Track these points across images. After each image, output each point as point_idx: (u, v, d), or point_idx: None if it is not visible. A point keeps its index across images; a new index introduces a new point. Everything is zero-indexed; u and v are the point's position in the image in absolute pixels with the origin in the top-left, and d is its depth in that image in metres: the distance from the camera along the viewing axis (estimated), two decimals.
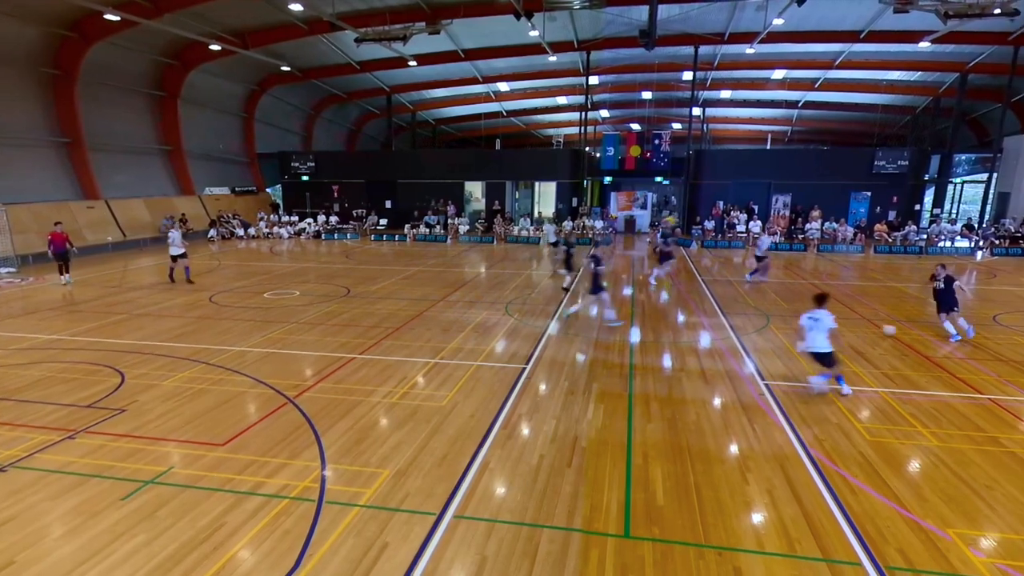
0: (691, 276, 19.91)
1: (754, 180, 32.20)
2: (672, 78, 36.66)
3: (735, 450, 7.23)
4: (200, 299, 15.75)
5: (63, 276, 17.75)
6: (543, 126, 53.82)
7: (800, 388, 9.30)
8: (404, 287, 17.52)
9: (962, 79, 32.34)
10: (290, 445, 7.29)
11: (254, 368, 10.16)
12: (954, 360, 10.76)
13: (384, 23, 24.98)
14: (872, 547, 5.33)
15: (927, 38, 24.33)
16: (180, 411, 8.31)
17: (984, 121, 38.40)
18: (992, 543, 5.44)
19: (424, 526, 5.65)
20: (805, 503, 6.05)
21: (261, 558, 5.19)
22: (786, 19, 23.89)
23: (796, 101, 42.15)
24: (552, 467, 6.79)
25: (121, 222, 26.98)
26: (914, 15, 21.42)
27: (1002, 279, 19.54)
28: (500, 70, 36.24)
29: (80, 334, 12.30)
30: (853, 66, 32.95)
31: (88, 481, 6.41)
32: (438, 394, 9.03)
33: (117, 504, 6.00)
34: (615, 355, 11.08)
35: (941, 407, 8.57)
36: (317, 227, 32.55)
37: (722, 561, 5.17)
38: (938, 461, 6.96)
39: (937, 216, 32.07)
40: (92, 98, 26.10)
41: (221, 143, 35.01)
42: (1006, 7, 19.35)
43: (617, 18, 26.50)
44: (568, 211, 33.98)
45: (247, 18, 26.00)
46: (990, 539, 5.50)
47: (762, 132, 51.64)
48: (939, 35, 23.54)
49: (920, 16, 21.53)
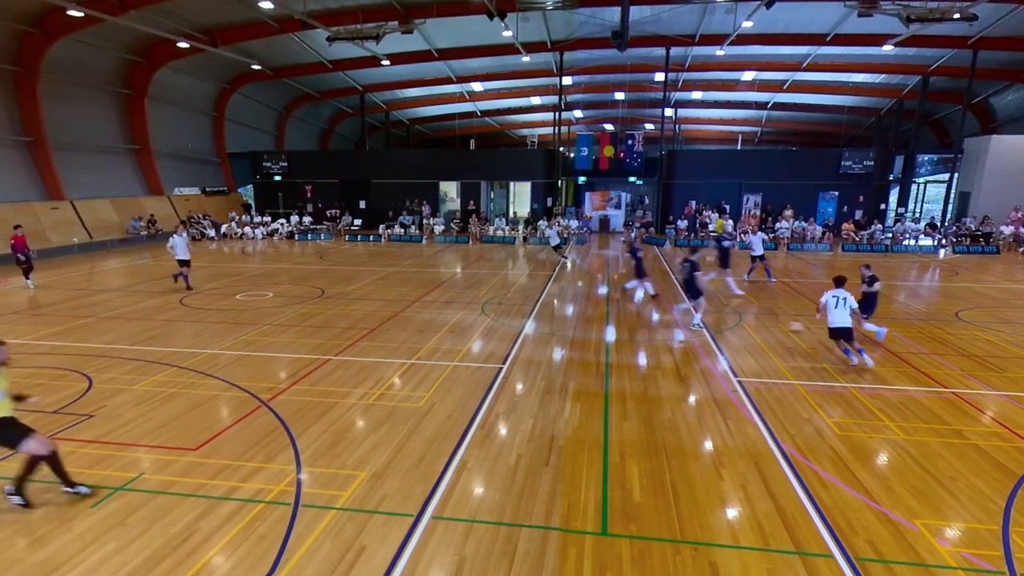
0: (665, 275, 20.13)
1: (726, 180, 32.68)
2: (644, 79, 37.03)
3: (710, 447, 7.34)
4: (170, 301, 15.46)
5: (27, 280, 17.25)
6: (517, 126, 53.89)
7: (772, 385, 9.47)
8: (379, 288, 17.41)
9: (924, 82, 33.27)
10: (265, 449, 7.20)
11: (227, 371, 10.00)
12: (920, 356, 11.05)
13: (357, 22, 24.79)
14: (843, 539, 5.46)
15: (890, 41, 24.97)
16: (151, 416, 8.15)
17: (945, 123, 39.59)
18: (957, 533, 5.61)
19: (402, 528, 5.63)
20: (778, 498, 6.17)
21: (236, 564, 5.12)
22: (755, 21, 24.29)
23: (765, 102, 42.88)
24: (530, 466, 6.81)
25: (87, 223, 26.32)
26: (878, 19, 21.99)
27: (964, 276, 20.12)
28: (474, 70, 36.20)
29: (45, 338, 11.99)
30: (820, 68, 33.67)
31: (56, 489, 6.25)
32: (415, 395, 9.00)
33: (86, 512, 5.87)
34: (591, 354, 11.16)
35: (907, 401, 8.81)
36: (290, 228, 32.15)
37: (698, 556, 5.25)
38: (905, 454, 7.16)
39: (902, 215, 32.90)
40: (56, 96, 25.42)
41: (191, 142, 34.36)
42: (965, 12, 19.96)
43: (590, 19, 26.68)
44: (543, 211, 34.08)
45: (216, 16, 25.56)
46: (955, 529, 5.67)
47: (733, 133, 52.44)
48: (902, 39, 24.19)
49: (883, 20, 22.10)
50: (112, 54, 27.07)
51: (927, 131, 40.07)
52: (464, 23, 26.87)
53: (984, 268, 21.97)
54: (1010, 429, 7.85)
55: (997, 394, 9.13)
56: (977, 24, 22.86)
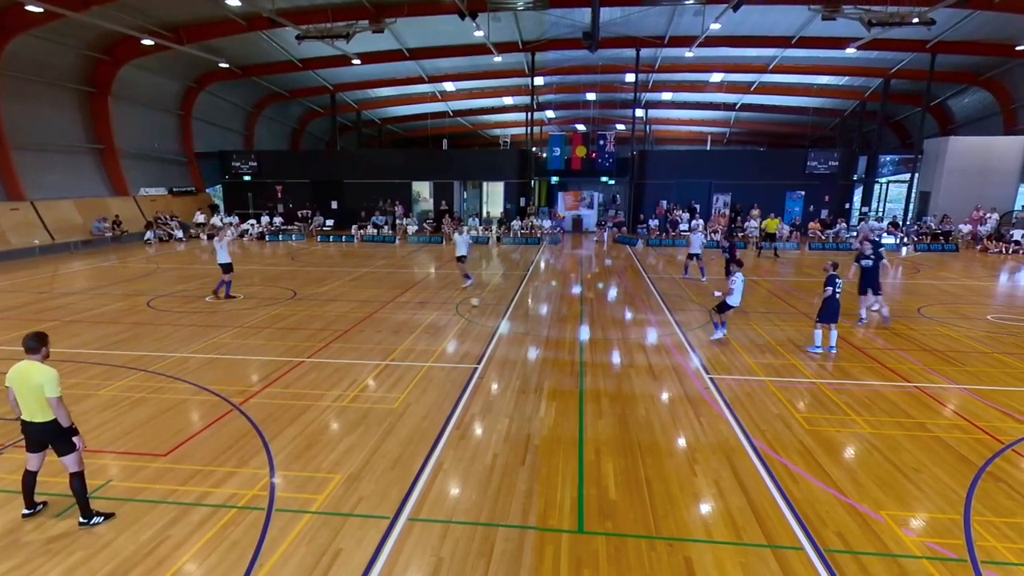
0: (637, 274, 20.32)
1: (696, 180, 33.14)
2: (615, 80, 37.35)
3: (683, 443, 7.44)
4: (137, 304, 15.12)
5: None
6: (490, 126, 53.87)
7: (743, 381, 9.63)
8: (353, 289, 17.25)
9: (885, 84, 34.17)
10: (237, 453, 7.09)
11: (197, 375, 9.82)
12: (884, 351, 11.34)
13: (327, 20, 24.51)
14: (812, 532, 5.59)
15: (853, 44, 25.57)
16: (118, 421, 7.96)
17: (906, 124, 40.72)
18: (922, 523, 5.78)
19: (378, 530, 5.60)
20: (750, 492, 6.28)
21: (209, 570, 5.04)
22: (723, 24, 24.67)
23: (734, 104, 43.60)
24: (506, 466, 6.83)
25: (49, 224, 25.57)
26: (841, 23, 22.53)
27: (925, 274, 20.71)
28: (446, 70, 36.09)
29: (6, 343, 11.62)
30: (786, 70, 34.38)
31: (18, 498, 6.06)
32: (390, 396, 8.95)
33: (51, 521, 5.72)
34: (565, 353, 11.22)
35: (873, 396, 9.04)
36: (260, 228, 31.67)
37: (673, 552, 5.32)
38: (871, 447, 7.34)
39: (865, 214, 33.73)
40: (15, 94, 24.62)
41: (157, 142, 33.58)
42: (923, 17, 20.55)
43: (561, 20, 26.80)
44: (516, 211, 34.14)
45: (183, 13, 25.03)
46: (920, 519, 5.84)
47: (702, 134, 53.16)
48: (863, 42, 24.79)
49: (846, 24, 22.64)
50: (74, 51, 26.33)
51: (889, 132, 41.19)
52: (435, 23, 26.78)
53: (944, 265, 22.63)
54: (970, 421, 8.10)
55: (958, 387, 9.42)
56: (935, 28, 23.60)
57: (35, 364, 5.46)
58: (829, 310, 11.01)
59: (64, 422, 5.51)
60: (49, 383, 5.38)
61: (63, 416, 5.49)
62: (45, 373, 5.40)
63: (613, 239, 31.29)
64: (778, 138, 52.03)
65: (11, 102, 24.42)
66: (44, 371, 5.41)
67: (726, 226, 31.78)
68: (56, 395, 5.39)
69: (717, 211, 32.93)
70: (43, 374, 5.39)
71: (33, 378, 5.38)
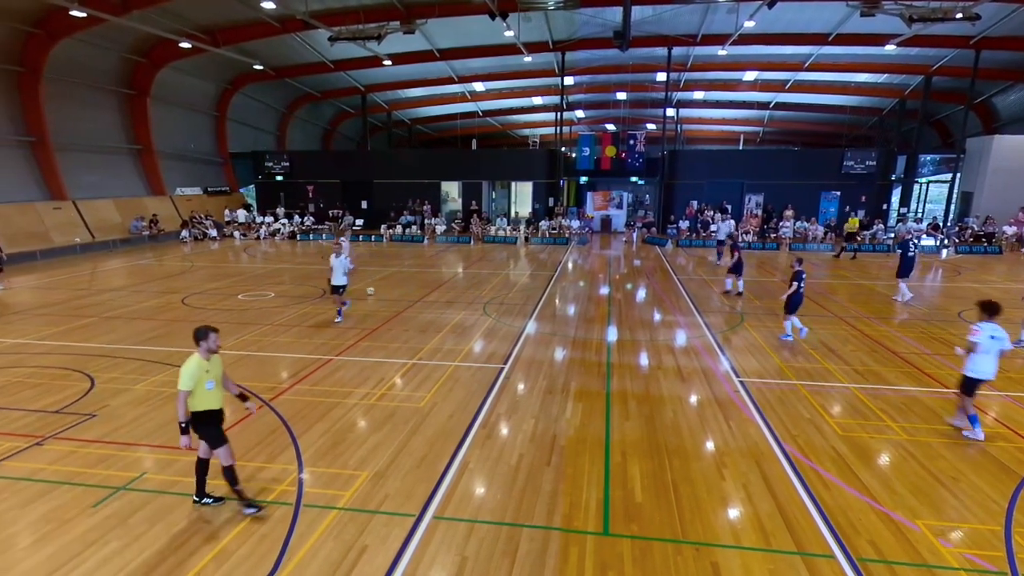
0: (667, 275, 20.11)
1: (727, 180, 32.65)
2: (646, 79, 36.99)
3: (711, 447, 7.33)
4: (172, 301, 15.48)
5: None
6: (519, 126, 53.87)
7: (774, 385, 9.46)
8: (381, 288, 17.41)
9: (926, 81, 33.20)
10: (266, 448, 7.21)
11: (229, 371, 9.91)
12: (921, 356, 11.03)
13: (358, 22, 24.78)
14: (844, 539, 5.46)
15: (893, 41, 24.91)
16: (152, 416, 8.16)
17: (948, 122, 39.49)
18: (959, 533, 5.60)
19: (404, 528, 5.64)
20: (780, 498, 6.16)
21: (238, 563, 5.13)
22: (757, 21, 24.26)
23: (767, 102, 42.82)
24: (531, 466, 6.81)
25: (90, 223, 26.35)
26: (880, 19, 21.94)
27: (966, 276, 20.08)
28: (475, 70, 36.19)
29: (48, 338, 12.01)
30: (822, 68, 33.62)
31: (58, 488, 6.27)
32: (416, 395, 9.00)
33: (88, 511, 5.88)
34: (592, 354, 11.15)
35: (909, 402, 8.79)
36: (292, 227, 32.16)
37: (699, 557, 5.25)
38: (907, 454, 7.14)
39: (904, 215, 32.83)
40: (59, 96, 25.44)
41: (193, 142, 34.37)
42: (967, 12, 19.92)
43: (592, 19, 26.65)
44: (544, 211, 34.08)
45: (218, 16, 25.57)
46: (957, 529, 5.66)
47: (735, 133, 52.38)
48: (904, 38, 24.14)
49: (886, 20, 22.05)
50: (114, 54, 27.10)
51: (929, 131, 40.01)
52: (466, 23, 26.86)
53: (987, 268, 21.91)
54: (1013, 430, 7.84)
55: (1000, 395, 9.12)
56: (980, 24, 22.81)
57: (192, 356, 5.79)
58: (795, 302, 11.93)
59: (180, 417, 5.68)
60: (180, 376, 5.64)
61: (179, 411, 5.67)
62: (186, 365, 5.68)
63: (642, 240, 31.02)
64: (813, 137, 50.97)
65: (55, 104, 25.21)
66: (184, 365, 5.69)
67: (758, 227, 31.28)
68: (180, 388, 5.61)
69: (749, 211, 32.40)
70: (185, 365, 5.68)
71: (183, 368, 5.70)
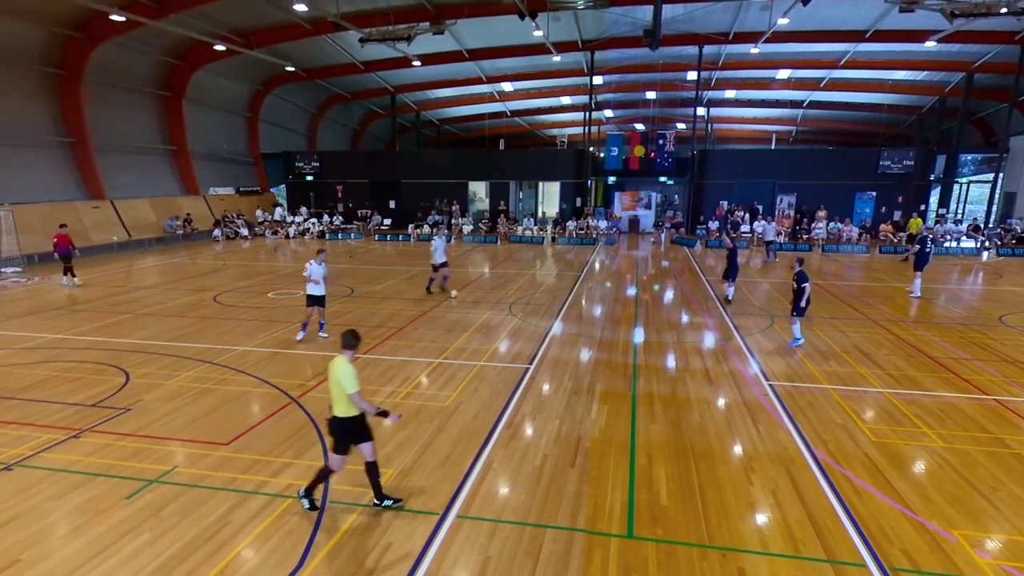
0: (695, 276, 19.88)
1: (758, 180, 32.15)
2: (676, 78, 36.62)
3: (739, 451, 7.21)
4: (204, 299, 15.80)
5: (65, 278, 17.53)
6: (547, 126, 53.81)
7: (805, 389, 9.27)
8: (408, 287, 17.53)
9: (968, 79, 32.25)
10: (294, 445, 7.30)
11: (258, 368, 10.18)
12: (960, 361, 10.71)
13: (388, 23, 25.01)
14: (876, 548, 5.32)
15: (933, 37, 24.24)
16: (184, 410, 8.33)
17: (990, 121, 38.25)
18: (998, 545, 5.41)
19: (427, 526, 5.65)
20: (809, 504, 6.03)
21: (265, 557, 5.20)
22: (791, 19, 23.84)
23: (801, 101, 42.04)
24: (555, 467, 6.78)
25: (126, 222, 27.06)
26: (920, 14, 21.38)
27: (1008, 279, 19.45)
28: (504, 70, 36.26)
29: (85, 333, 12.35)
30: (858, 66, 32.88)
31: (93, 480, 6.44)
32: (441, 394, 9.03)
33: (122, 503, 6.02)
34: (618, 355, 11.06)
35: (946, 408, 8.54)
36: (321, 227, 32.59)
37: (726, 562, 5.16)
38: (943, 462, 6.93)
39: (943, 216, 31.95)
40: (98, 98, 26.19)
41: (226, 143, 35.10)
42: (1013, 6, 19.28)
43: (621, 18, 26.48)
44: (572, 211, 33.98)
45: (252, 18, 26.06)
46: (996, 540, 5.47)
47: (766, 132, 51.53)
48: (945, 34, 23.47)
49: (926, 15, 21.48)
50: (151, 57, 27.81)
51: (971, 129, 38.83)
52: (495, 23, 26.92)
53: None
54: None
55: None
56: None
57: (341, 359, 5.64)
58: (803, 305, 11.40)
59: (371, 411, 5.66)
60: (347, 379, 5.51)
61: (368, 407, 5.63)
62: (343, 369, 5.55)
63: (671, 240, 30.72)
64: (848, 136, 49.92)
65: (94, 106, 25.96)
66: (340, 369, 5.57)
67: (790, 227, 30.73)
68: (354, 391, 5.51)
69: (781, 212, 31.84)
70: (342, 369, 5.55)
71: (336, 372, 5.58)
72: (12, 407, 8.41)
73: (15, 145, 23.50)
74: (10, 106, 23.15)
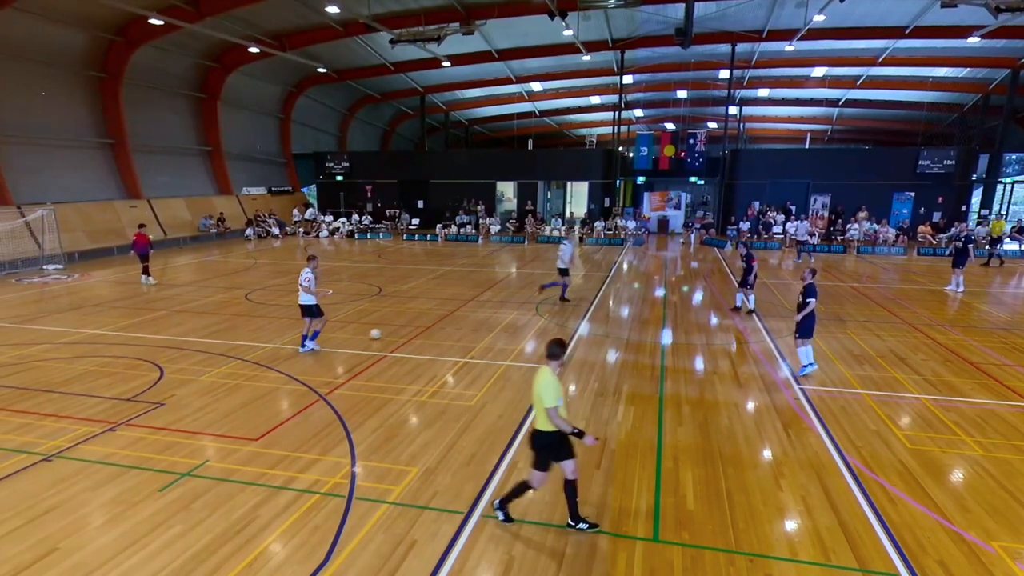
0: (724, 277, 19.59)
1: (792, 180, 31.56)
2: (708, 77, 36.17)
3: (768, 456, 7.08)
4: (236, 297, 16.09)
5: (144, 277, 17.91)
6: (576, 126, 53.60)
7: (838, 394, 9.06)
8: (435, 286, 17.62)
9: (1013, 75, 31.12)
10: (321, 441, 7.38)
11: (288, 365, 10.33)
12: (1001, 367, 10.36)
13: (419, 24, 25.20)
14: (911, 558, 5.16)
15: (976, 33, 23.48)
16: (216, 406, 8.49)
17: None
18: None
19: (452, 524, 5.67)
20: (841, 511, 5.89)
21: (292, 552, 5.26)
22: (828, 15, 23.33)
23: (837, 99, 41.14)
24: (581, 469, 6.71)
25: (162, 221, 27.74)
26: (963, 9, 20.70)
27: None
28: (533, 70, 36.22)
29: (122, 329, 12.68)
30: (897, 63, 32.00)
31: (128, 472, 6.60)
32: (467, 393, 9.05)
33: (155, 495, 6.15)
34: (646, 357, 10.96)
35: (987, 415, 8.26)
36: (350, 226, 32.97)
37: (754, 568, 5.06)
38: (983, 471, 6.71)
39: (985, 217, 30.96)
40: (136, 100, 26.91)
41: (259, 144, 35.74)
42: None
43: (652, 16, 26.24)
44: (600, 211, 33.79)
45: (285, 21, 26.48)
46: None
47: (801, 131, 50.56)
48: (989, 30, 22.71)
49: (969, 10, 20.81)
50: (188, 60, 28.47)
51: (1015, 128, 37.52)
52: (525, 23, 26.91)
53: None
54: None
55: None
56: None
57: (545, 370, 5.35)
58: (808, 324, 9.79)
59: (567, 430, 5.29)
60: (547, 392, 5.16)
61: (564, 425, 5.27)
62: (545, 380, 5.23)
63: (700, 241, 30.35)
64: (886, 135, 48.66)
65: (132, 108, 26.67)
66: (543, 381, 5.24)
67: (825, 228, 30.10)
68: (551, 406, 5.16)
69: (815, 212, 31.21)
70: (543, 381, 5.23)
71: (537, 383, 5.28)
72: (52, 400, 8.67)
73: (58, 146, 24.28)
74: (55, 109, 23.93)
